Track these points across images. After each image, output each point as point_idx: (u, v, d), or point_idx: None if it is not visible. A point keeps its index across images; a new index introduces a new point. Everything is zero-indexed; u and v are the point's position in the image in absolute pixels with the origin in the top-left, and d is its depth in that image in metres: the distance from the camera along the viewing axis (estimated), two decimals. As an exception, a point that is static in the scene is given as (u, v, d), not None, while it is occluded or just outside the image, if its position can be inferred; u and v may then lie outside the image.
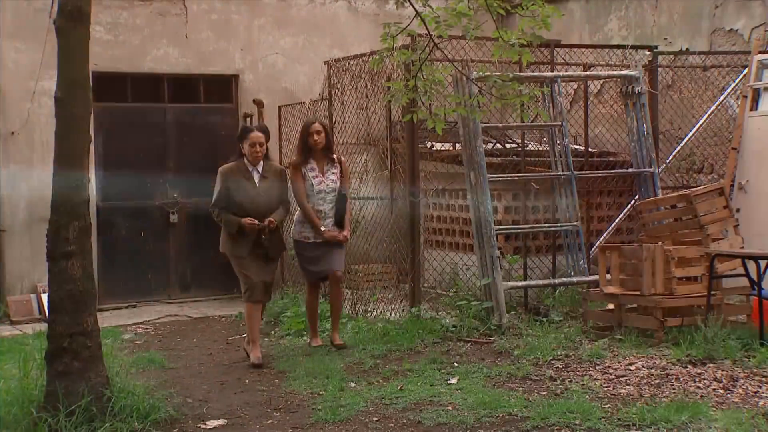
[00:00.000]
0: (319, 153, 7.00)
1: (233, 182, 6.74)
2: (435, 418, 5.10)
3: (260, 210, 6.71)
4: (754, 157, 8.69)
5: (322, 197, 6.97)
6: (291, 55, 10.97)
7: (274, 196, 6.83)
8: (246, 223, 6.64)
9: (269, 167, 6.90)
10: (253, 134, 6.81)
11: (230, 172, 6.80)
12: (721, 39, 9.80)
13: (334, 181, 7.00)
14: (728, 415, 4.82)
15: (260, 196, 6.74)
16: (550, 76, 8.17)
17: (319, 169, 7.00)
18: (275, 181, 6.87)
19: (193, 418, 5.31)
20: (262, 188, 6.78)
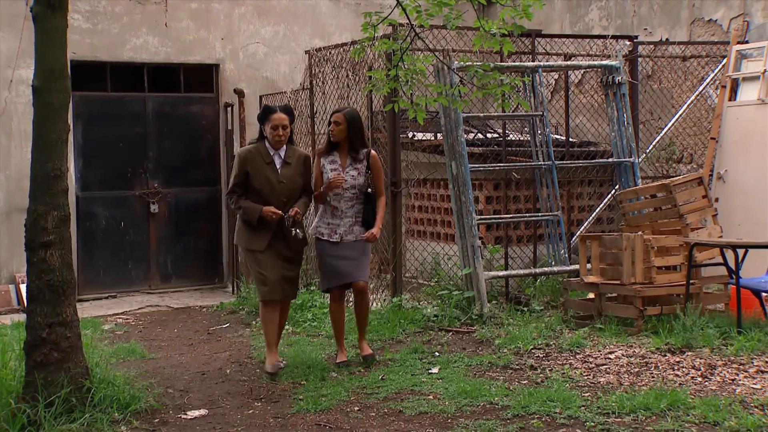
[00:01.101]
0: (344, 146, 6.23)
1: (252, 167, 6.00)
2: (416, 408, 5.12)
3: (281, 199, 6.00)
4: (733, 147, 8.76)
5: (338, 194, 6.20)
6: (272, 45, 10.92)
7: (296, 185, 6.10)
8: (267, 213, 5.93)
9: (293, 152, 6.13)
10: (276, 115, 6.02)
11: (249, 155, 6.05)
12: (700, 29, 9.85)
13: (354, 177, 6.17)
14: (706, 403, 4.87)
15: (281, 184, 6.02)
16: (531, 66, 8.18)
17: (340, 163, 6.22)
18: (299, 168, 6.11)
19: (173, 408, 5.30)
20: (284, 175, 6.05)
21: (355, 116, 6.25)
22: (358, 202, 6.21)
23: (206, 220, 10.73)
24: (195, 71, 10.68)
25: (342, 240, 6.18)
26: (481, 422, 4.78)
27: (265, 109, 6.18)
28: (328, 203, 6.22)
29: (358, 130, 6.22)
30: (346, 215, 6.21)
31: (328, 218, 6.23)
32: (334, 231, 6.19)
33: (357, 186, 6.19)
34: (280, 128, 5.99)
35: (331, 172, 6.17)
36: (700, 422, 4.64)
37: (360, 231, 6.19)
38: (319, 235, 6.25)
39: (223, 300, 9.49)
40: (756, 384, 5.31)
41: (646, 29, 10.25)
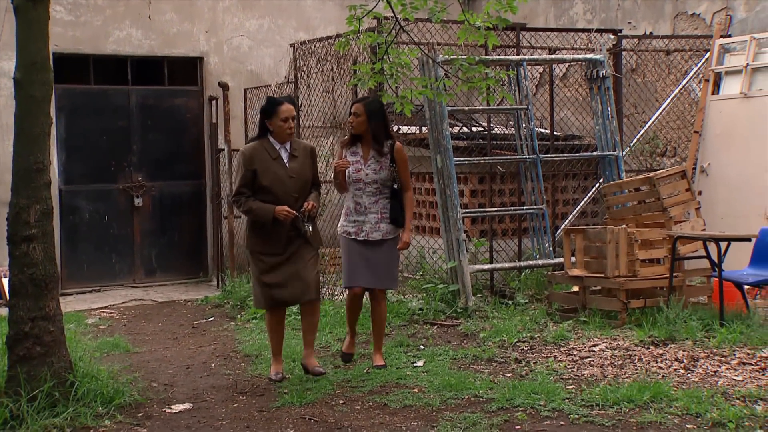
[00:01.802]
0: (366, 138, 5.87)
1: (260, 164, 5.58)
2: (401, 401, 5.13)
3: (292, 195, 5.60)
4: (716, 141, 8.81)
5: (359, 188, 5.84)
6: (256, 38, 10.88)
7: (306, 178, 5.73)
8: (281, 213, 5.49)
9: (298, 145, 5.79)
10: (284, 107, 5.64)
11: (255, 152, 5.62)
12: (683, 23, 9.89)
13: (375, 171, 5.81)
14: (688, 395, 4.90)
15: (292, 179, 5.63)
16: (515, 60, 8.19)
17: (362, 155, 5.87)
18: (306, 161, 5.75)
19: (158, 402, 5.28)
20: (293, 169, 5.66)
21: (376, 107, 5.87)
22: (382, 197, 5.85)
23: (191, 214, 10.70)
24: (179, 64, 10.63)
25: (368, 238, 5.83)
26: (466, 415, 4.79)
27: (271, 101, 5.74)
28: (351, 199, 5.90)
29: (380, 122, 5.83)
30: (370, 211, 5.84)
31: (353, 215, 5.89)
32: (360, 228, 5.85)
33: (380, 180, 5.82)
34: (290, 119, 5.65)
35: (352, 165, 5.86)
36: (683, 414, 4.68)
37: (387, 229, 5.84)
38: (345, 234, 5.92)
39: (207, 294, 9.47)
40: (738, 376, 5.35)
41: (630, 23, 10.28)
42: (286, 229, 5.57)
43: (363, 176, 5.84)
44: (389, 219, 5.83)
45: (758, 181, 8.32)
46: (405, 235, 5.87)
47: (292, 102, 5.78)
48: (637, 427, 4.54)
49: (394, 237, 5.86)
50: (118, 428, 4.78)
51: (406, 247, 5.92)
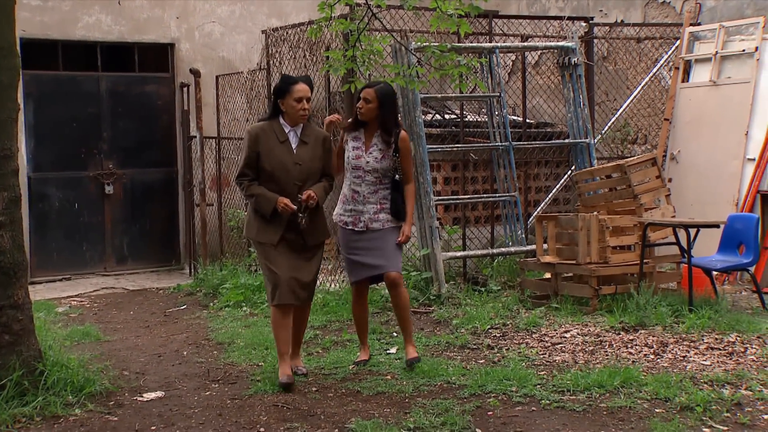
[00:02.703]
0: (373, 125, 5.48)
1: (264, 146, 5.23)
2: (374, 388, 5.14)
3: (296, 183, 5.24)
4: (686, 128, 8.89)
5: (358, 176, 5.48)
6: (228, 24, 10.80)
7: (314, 168, 5.32)
8: (281, 206, 5.17)
9: (311, 131, 5.36)
10: (299, 86, 5.24)
11: (261, 132, 5.27)
12: (654, 11, 9.96)
13: (377, 160, 5.44)
14: (658, 379, 4.96)
15: (297, 166, 5.25)
16: (488, 47, 8.20)
17: (364, 141, 5.49)
18: (317, 150, 5.34)
19: (129, 391, 5.25)
20: (301, 156, 5.28)
21: (388, 93, 5.46)
22: (382, 187, 5.48)
23: (163, 202, 10.62)
24: (150, 50, 10.52)
25: (367, 228, 5.48)
26: (438, 401, 4.82)
27: (285, 79, 5.35)
28: (348, 186, 5.53)
29: (391, 109, 5.47)
30: (369, 201, 5.47)
31: (350, 203, 5.53)
32: (358, 219, 5.49)
33: (380, 170, 5.45)
34: (304, 100, 5.24)
35: (353, 151, 5.49)
36: (652, 398, 4.73)
37: (387, 219, 5.48)
38: (342, 224, 5.55)
39: (180, 282, 9.42)
40: (706, 360, 5.43)
41: (601, 11, 10.33)
42: (285, 219, 5.24)
43: (363, 164, 5.46)
44: (390, 210, 5.48)
45: (727, 169, 8.42)
46: (406, 228, 5.52)
47: (308, 82, 5.36)
48: (607, 411, 4.59)
49: (395, 227, 5.52)
50: (89, 417, 4.75)
51: (406, 241, 5.56)
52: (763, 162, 8.19)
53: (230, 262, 9.20)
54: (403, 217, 5.51)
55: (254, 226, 5.34)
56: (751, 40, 8.55)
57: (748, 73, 8.46)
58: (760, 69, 8.39)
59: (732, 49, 8.71)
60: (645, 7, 10.00)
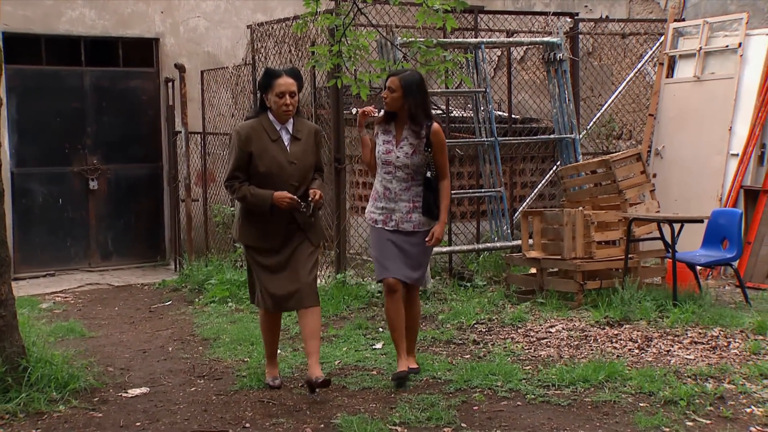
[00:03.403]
0: (402, 116, 5.14)
1: (256, 146, 4.89)
2: (360, 383, 5.14)
3: (292, 183, 4.92)
4: (670, 124, 8.93)
5: (389, 171, 5.15)
6: (213, 19, 10.75)
7: (308, 164, 5.02)
8: (280, 199, 4.83)
9: (302, 125, 5.05)
10: (281, 80, 4.89)
11: (252, 132, 4.91)
12: (639, 7, 9.99)
13: (407, 155, 5.07)
14: (642, 374, 4.98)
15: (292, 165, 4.93)
16: (473, 43, 8.20)
17: (395, 135, 5.16)
18: (310, 144, 5.04)
19: (114, 387, 5.23)
20: (295, 153, 4.95)
21: (414, 81, 5.10)
22: (414, 184, 5.12)
23: (147, 197, 10.57)
24: (134, 45, 10.47)
25: (398, 228, 5.14)
26: (424, 396, 4.82)
27: (267, 74, 4.98)
28: (380, 182, 5.20)
29: (418, 99, 5.07)
30: (401, 199, 5.13)
31: (381, 201, 5.19)
32: (389, 217, 5.15)
33: (411, 166, 5.09)
34: (287, 96, 4.88)
35: (383, 145, 5.17)
36: (637, 393, 4.76)
37: (419, 220, 5.11)
38: (372, 222, 5.25)
39: (165, 277, 9.38)
40: (690, 355, 5.46)
41: (586, 6, 10.36)
42: (285, 221, 4.92)
43: (393, 159, 5.12)
44: (423, 210, 5.11)
45: (711, 164, 8.46)
46: (438, 229, 5.10)
47: (293, 75, 4.97)
48: (592, 406, 4.61)
49: (428, 229, 5.13)
50: (73, 413, 4.73)
51: (437, 243, 5.18)
52: (747, 157, 8.24)
53: (216, 257, 9.18)
54: (435, 217, 5.11)
55: (251, 230, 4.98)
56: (734, 36, 8.59)
57: (732, 69, 8.51)
58: (744, 65, 8.43)
59: (716, 45, 8.76)
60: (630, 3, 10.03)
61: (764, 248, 7.81)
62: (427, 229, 5.13)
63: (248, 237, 5.01)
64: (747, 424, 4.28)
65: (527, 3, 11.02)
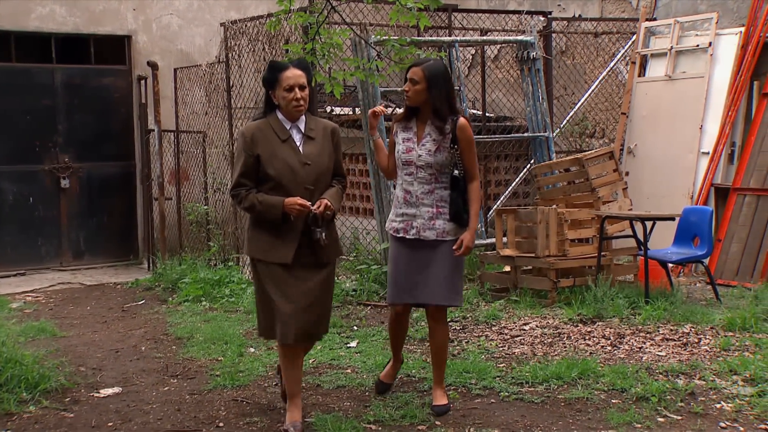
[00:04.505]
0: (425, 111, 4.60)
1: (264, 148, 4.30)
2: (334, 381, 5.14)
3: (306, 187, 4.31)
4: (642, 122, 9.01)
5: (410, 173, 4.59)
6: (186, 17, 10.68)
7: (324, 166, 4.39)
8: (291, 206, 4.22)
9: (315, 123, 4.46)
10: (288, 72, 4.33)
11: (258, 133, 4.34)
12: (611, 6, 10.07)
13: (430, 152, 4.53)
14: (615, 370, 5.02)
15: (306, 167, 4.32)
16: (447, 41, 8.22)
17: (416, 131, 4.62)
18: (326, 144, 4.42)
19: (86, 387, 5.19)
20: (308, 154, 4.35)
21: (439, 71, 4.59)
22: (439, 186, 4.57)
23: (120, 196, 10.49)
24: (106, 42, 10.37)
25: (420, 236, 4.55)
26: (399, 395, 4.83)
27: (271, 67, 4.44)
28: (400, 187, 4.64)
29: (442, 91, 4.55)
30: (423, 203, 4.56)
31: (402, 206, 4.62)
32: (410, 225, 4.57)
33: (435, 165, 4.54)
34: (296, 89, 4.31)
35: (403, 143, 4.62)
36: (609, 389, 4.80)
37: (445, 228, 4.54)
38: (393, 231, 4.65)
39: (138, 276, 9.31)
40: (661, 351, 5.51)
41: (559, 5, 10.41)
42: (299, 229, 4.28)
43: (414, 158, 4.57)
44: (449, 215, 4.55)
45: (682, 162, 8.55)
46: (468, 237, 4.51)
47: (301, 66, 4.42)
48: (565, 403, 4.64)
49: (454, 239, 4.55)
50: (44, 414, 4.68)
51: (467, 253, 4.57)
52: (717, 156, 8.33)
53: (189, 256, 9.13)
54: (465, 223, 4.54)
55: (261, 243, 4.34)
56: (705, 36, 8.68)
57: (703, 68, 8.60)
58: (714, 64, 8.52)
59: (687, 44, 8.84)
60: (602, 2, 10.10)
61: (734, 245, 7.91)
62: (453, 238, 4.54)
63: (258, 249, 4.36)
64: (717, 420, 4.33)
65: (501, 2, 11.06)
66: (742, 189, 8.04)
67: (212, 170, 9.60)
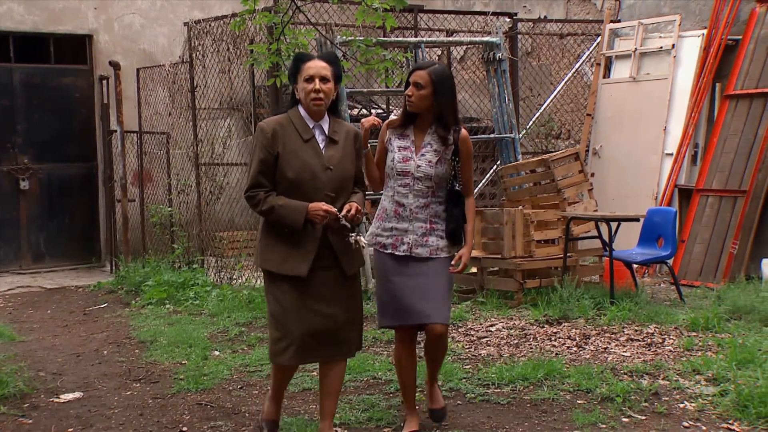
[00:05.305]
0: (425, 119, 4.26)
1: (285, 146, 3.92)
2: (300, 384, 5.09)
3: (327, 193, 3.93)
4: (608, 123, 9.07)
5: (405, 184, 4.22)
6: (149, 16, 10.55)
7: (347, 172, 4.02)
8: (315, 212, 3.85)
9: (339, 126, 4.07)
10: (311, 63, 3.96)
11: (280, 129, 3.95)
12: (576, 7, 10.13)
13: (431, 163, 4.19)
14: (580, 371, 5.03)
15: (328, 171, 3.94)
16: (413, 42, 8.20)
17: (413, 140, 4.26)
18: (348, 150, 4.05)
19: (45, 392, 5.08)
20: (331, 158, 3.97)
21: (446, 76, 4.27)
22: (435, 200, 4.23)
23: (82, 197, 10.33)
24: (66, 42, 10.21)
25: (411, 254, 4.20)
26: (365, 397, 4.79)
27: (296, 59, 4.07)
28: (390, 198, 4.27)
29: (449, 97, 4.25)
30: (417, 218, 4.20)
31: (391, 220, 4.26)
32: (400, 240, 4.22)
33: (435, 177, 4.19)
34: (317, 80, 3.92)
35: (399, 152, 4.23)
36: (574, 390, 4.80)
37: (437, 245, 4.20)
38: (379, 246, 4.27)
39: (100, 279, 9.18)
40: (626, 352, 5.53)
41: (525, 6, 10.46)
42: (317, 239, 3.90)
43: (412, 169, 4.20)
44: (445, 232, 4.22)
45: (647, 163, 8.61)
46: (466, 253, 4.24)
47: (327, 58, 4.04)
48: (531, 404, 4.64)
49: (447, 257, 4.23)
50: (2, 420, 4.57)
51: (464, 270, 4.30)
52: (681, 157, 8.40)
53: (153, 258, 9.01)
54: (460, 241, 4.25)
55: (275, 254, 3.92)
56: (668, 38, 8.75)
57: (666, 70, 8.67)
58: (677, 66, 8.60)
59: (650, 46, 8.91)
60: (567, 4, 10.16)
61: (698, 246, 7.98)
62: (445, 256, 4.22)
63: (270, 260, 3.94)
64: (680, 419, 4.35)
65: (467, 3, 11.08)
66: (705, 190, 8.12)
67: (176, 171, 9.49)
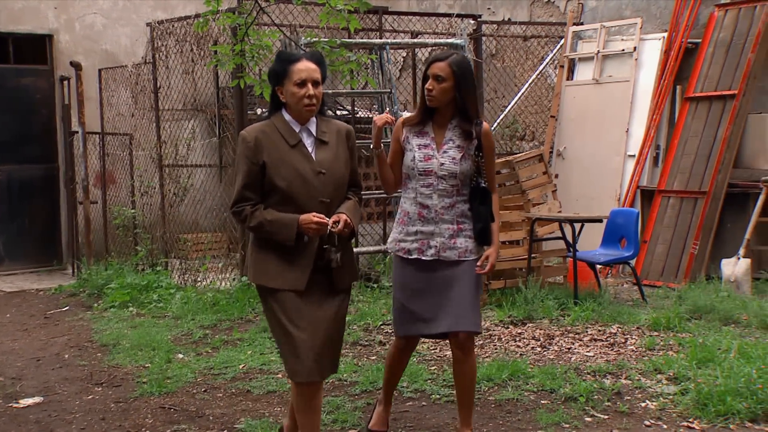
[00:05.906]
0: (444, 113, 3.99)
1: (270, 154, 3.64)
2: (264, 387, 5.06)
3: (321, 200, 3.67)
4: (571, 125, 9.14)
5: (428, 184, 3.98)
6: (111, 16, 10.44)
7: (341, 174, 3.76)
8: (307, 224, 3.59)
9: (328, 126, 3.80)
10: (301, 65, 3.66)
11: (263, 137, 3.67)
12: (539, 10, 10.20)
13: (455, 160, 3.94)
14: (544, 371, 5.06)
15: (320, 176, 3.67)
16: (378, 43, 8.20)
17: (433, 137, 4.00)
18: (341, 149, 3.79)
19: (4, 397, 5.01)
20: (322, 161, 3.70)
21: (467, 67, 3.96)
22: (460, 199, 3.98)
23: (42, 199, 10.18)
24: (26, 42, 10.06)
25: (439, 257, 3.96)
26: (330, 399, 4.78)
27: (280, 59, 3.74)
28: (412, 201, 4.02)
29: (471, 89, 3.95)
30: (443, 219, 3.96)
31: (416, 224, 4.01)
32: (426, 244, 3.98)
33: (460, 174, 3.95)
34: (309, 84, 3.64)
35: (419, 150, 3.97)
36: (538, 390, 4.83)
37: (467, 246, 3.96)
38: (403, 253, 4.02)
39: (62, 282, 9.05)
40: (589, 352, 5.58)
41: (489, 9, 10.51)
42: (314, 250, 3.66)
43: (435, 167, 3.95)
44: (474, 231, 3.98)
45: (610, 164, 8.70)
46: (493, 254, 3.99)
47: (315, 59, 3.73)
48: (496, 404, 4.66)
49: (476, 258, 3.98)
50: (-40, 427, 4.50)
51: (491, 271, 4.05)
52: (643, 158, 8.50)
53: (116, 261, 8.92)
54: (489, 240, 3.99)
55: (268, 268, 3.67)
56: (630, 40, 8.85)
57: (628, 72, 8.77)
58: (639, 68, 8.70)
59: (613, 49, 9.01)
60: (531, 6, 10.23)
61: (659, 246, 8.08)
62: (474, 257, 3.97)
63: (264, 275, 3.69)
64: (642, 418, 4.40)
65: (431, 4, 11.11)
66: (667, 191, 8.22)
67: (139, 173, 9.40)
